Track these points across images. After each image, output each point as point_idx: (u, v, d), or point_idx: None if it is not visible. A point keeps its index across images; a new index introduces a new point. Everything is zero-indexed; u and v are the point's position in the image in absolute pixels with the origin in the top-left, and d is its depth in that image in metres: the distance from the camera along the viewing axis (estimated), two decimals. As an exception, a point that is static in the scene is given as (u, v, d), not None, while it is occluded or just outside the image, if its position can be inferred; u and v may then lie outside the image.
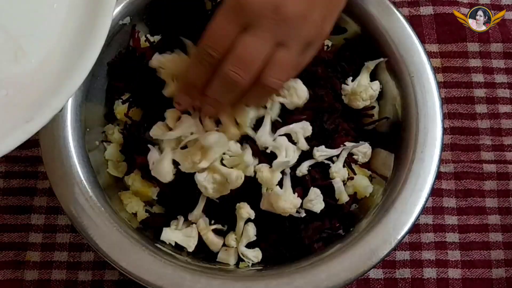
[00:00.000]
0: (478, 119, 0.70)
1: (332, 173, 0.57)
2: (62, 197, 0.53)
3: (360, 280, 0.63)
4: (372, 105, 0.62)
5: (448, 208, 0.66)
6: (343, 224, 0.58)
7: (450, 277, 0.64)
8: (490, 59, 0.72)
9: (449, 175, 0.67)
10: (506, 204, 0.67)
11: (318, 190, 0.55)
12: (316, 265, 0.52)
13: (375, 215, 0.55)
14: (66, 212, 0.53)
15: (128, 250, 0.52)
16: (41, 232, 0.64)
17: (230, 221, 0.56)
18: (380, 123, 0.62)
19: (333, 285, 0.51)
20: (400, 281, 0.63)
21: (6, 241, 0.64)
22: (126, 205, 0.58)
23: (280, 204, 0.52)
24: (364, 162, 0.61)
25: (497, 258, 0.65)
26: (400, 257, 0.64)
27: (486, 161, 0.68)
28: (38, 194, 0.65)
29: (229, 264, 0.56)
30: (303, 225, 0.56)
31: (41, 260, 0.63)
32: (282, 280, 0.51)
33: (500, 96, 0.71)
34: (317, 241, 0.56)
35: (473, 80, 0.71)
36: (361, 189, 0.58)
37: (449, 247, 0.65)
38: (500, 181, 0.67)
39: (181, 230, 0.56)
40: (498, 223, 0.66)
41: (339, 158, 0.58)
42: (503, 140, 0.69)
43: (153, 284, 0.50)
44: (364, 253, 0.52)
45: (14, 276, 0.62)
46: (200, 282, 0.51)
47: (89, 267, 0.63)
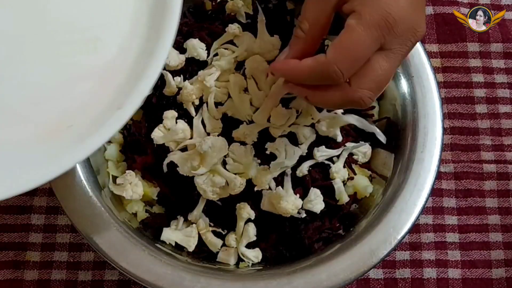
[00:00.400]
0: (478, 119, 0.70)
1: (332, 173, 0.57)
2: (62, 197, 0.53)
3: (360, 280, 0.63)
4: (372, 105, 0.62)
5: (448, 208, 0.66)
6: (343, 224, 0.58)
7: (450, 277, 0.64)
8: (490, 59, 0.72)
9: (449, 175, 0.67)
10: (506, 204, 0.67)
11: (318, 190, 0.55)
12: (316, 265, 0.52)
13: (375, 215, 0.55)
14: (66, 212, 0.53)
15: (128, 250, 0.52)
16: (41, 232, 0.64)
17: (230, 221, 0.56)
18: (380, 123, 0.62)
19: (333, 285, 0.51)
20: (400, 281, 0.63)
21: (6, 241, 0.64)
22: (126, 205, 0.58)
23: (282, 205, 0.52)
24: (364, 162, 0.61)
25: (497, 258, 0.65)
26: (400, 257, 0.64)
27: (486, 161, 0.68)
28: (38, 194, 0.65)
29: (229, 264, 0.56)
30: (303, 225, 0.56)
31: (41, 260, 0.63)
32: (282, 280, 0.51)
33: (500, 96, 0.71)
34: (317, 241, 0.56)
35: (473, 80, 0.71)
36: (361, 189, 0.58)
37: (449, 247, 0.65)
38: (500, 181, 0.67)
39: (181, 230, 0.56)
40: (498, 223, 0.66)
41: (340, 158, 0.58)
42: (503, 140, 0.69)
43: (153, 284, 0.51)
44: (364, 253, 0.52)
45: (14, 276, 0.62)
46: (200, 282, 0.51)
47: (89, 267, 0.63)
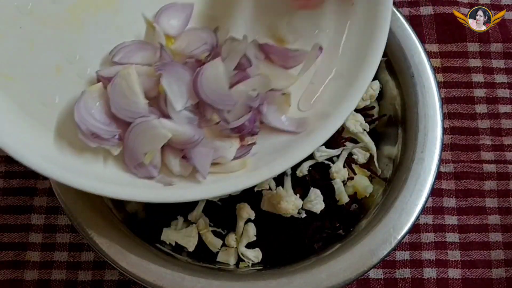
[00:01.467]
0: (478, 119, 0.70)
1: (332, 173, 0.57)
2: (62, 197, 0.53)
3: (360, 280, 0.63)
4: (372, 105, 0.62)
5: (448, 208, 0.66)
6: (343, 224, 0.58)
7: (450, 277, 0.64)
8: (490, 59, 0.72)
9: (449, 175, 0.67)
10: (506, 204, 0.67)
11: (318, 190, 0.55)
12: (316, 265, 0.52)
13: (375, 215, 0.55)
14: (66, 212, 0.53)
15: (128, 250, 0.52)
16: (41, 232, 0.64)
17: (230, 221, 0.56)
18: (380, 123, 0.62)
19: (333, 285, 0.51)
20: (400, 281, 0.63)
21: (6, 241, 0.64)
22: (126, 205, 0.58)
23: (282, 205, 0.52)
24: (364, 162, 0.61)
25: (497, 258, 0.65)
26: (400, 257, 0.64)
27: (486, 161, 0.68)
28: (38, 194, 0.65)
29: (229, 264, 0.56)
30: (303, 225, 0.56)
31: (41, 260, 0.63)
32: (282, 280, 0.51)
33: (500, 96, 0.71)
34: (317, 241, 0.56)
35: (473, 80, 0.71)
36: (361, 189, 0.58)
37: (449, 247, 0.65)
38: (500, 181, 0.67)
39: (181, 230, 0.56)
40: (498, 223, 0.66)
41: (339, 158, 0.58)
42: (503, 140, 0.69)
43: (153, 284, 0.51)
44: (364, 253, 0.52)
45: (14, 276, 0.62)
46: (200, 282, 0.51)
47: (89, 267, 0.63)
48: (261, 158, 0.43)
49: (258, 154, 0.43)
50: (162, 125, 0.41)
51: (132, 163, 0.42)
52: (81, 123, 0.41)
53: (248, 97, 0.42)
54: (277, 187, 0.55)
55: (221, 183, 0.42)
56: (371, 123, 0.62)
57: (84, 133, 0.41)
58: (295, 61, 0.45)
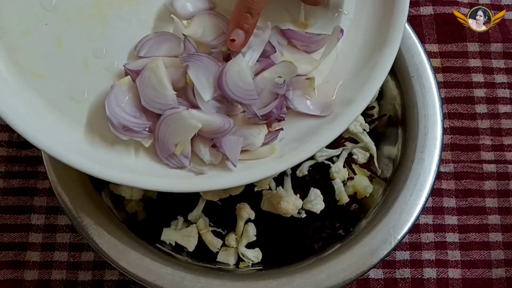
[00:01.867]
0: (478, 119, 0.70)
1: (332, 173, 0.57)
2: (62, 196, 0.53)
3: (360, 280, 0.63)
4: (372, 105, 0.62)
5: (448, 208, 0.66)
6: (343, 224, 0.58)
7: (450, 277, 0.64)
8: (490, 59, 0.72)
9: (449, 175, 0.67)
10: (506, 204, 0.67)
11: (318, 190, 0.55)
12: (316, 265, 0.52)
13: (375, 215, 0.55)
14: (66, 212, 0.53)
15: (128, 250, 0.52)
16: (41, 232, 0.64)
17: (230, 221, 0.56)
18: (380, 123, 0.62)
19: (333, 285, 0.51)
20: (400, 281, 0.63)
21: (6, 241, 0.64)
22: (126, 205, 0.58)
23: (282, 205, 0.52)
24: (364, 162, 0.61)
25: (497, 258, 0.65)
26: (400, 257, 0.64)
27: (486, 161, 0.68)
28: (38, 194, 0.65)
29: (229, 264, 0.56)
30: (303, 225, 0.56)
31: (41, 260, 0.63)
32: (282, 280, 0.51)
33: (500, 96, 0.71)
34: (317, 241, 0.56)
35: (473, 80, 0.71)
36: (361, 189, 0.58)
37: (449, 247, 0.65)
38: (500, 181, 0.67)
39: (181, 230, 0.56)
40: (498, 223, 0.66)
41: (339, 158, 0.58)
42: (503, 140, 0.69)
43: (153, 284, 0.51)
44: (364, 253, 0.52)
45: (14, 276, 0.62)
46: (200, 282, 0.51)
47: (89, 267, 0.63)
48: (288, 144, 0.44)
49: (285, 139, 0.44)
50: (192, 115, 0.41)
51: (164, 154, 0.42)
52: (112, 117, 0.41)
53: (274, 84, 0.42)
54: (277, 187, 0.55)
55: (251, 170, 0.42)
56: (371, 123, 0.62)
57: (115, 127, 0.41)
58: (318, 45, 0.46)
